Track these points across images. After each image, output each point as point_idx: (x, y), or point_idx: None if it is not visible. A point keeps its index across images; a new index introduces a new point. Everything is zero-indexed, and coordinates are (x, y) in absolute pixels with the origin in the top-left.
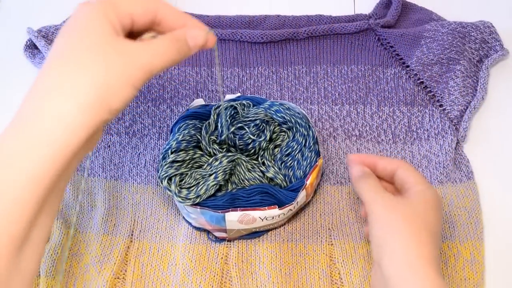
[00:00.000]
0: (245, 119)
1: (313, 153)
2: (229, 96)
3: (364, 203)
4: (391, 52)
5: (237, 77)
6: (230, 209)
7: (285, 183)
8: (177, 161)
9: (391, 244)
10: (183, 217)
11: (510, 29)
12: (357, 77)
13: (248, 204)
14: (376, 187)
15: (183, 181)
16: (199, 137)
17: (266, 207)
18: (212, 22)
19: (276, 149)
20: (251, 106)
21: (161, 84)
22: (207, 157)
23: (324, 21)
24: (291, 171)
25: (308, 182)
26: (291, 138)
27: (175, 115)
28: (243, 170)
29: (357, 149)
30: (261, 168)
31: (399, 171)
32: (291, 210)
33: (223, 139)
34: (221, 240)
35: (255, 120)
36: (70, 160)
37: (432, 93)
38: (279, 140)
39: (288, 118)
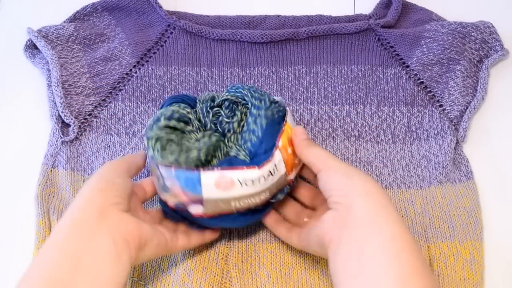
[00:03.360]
0: (217, 103)
1: (265, 120)
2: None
3: (312, 163)
4: (391, 52)
5: (237, 77)
6: (207, 167)
7: (249, 158)
8: (169, 127)
9: (362, 186)
10: (159, 201)
11: (510, 29)
12: (357, 77)
13: None
14: (311, 143)
15: (168, 146)
16: (190, 117)
17: (245, 166)
18: (212, 22)
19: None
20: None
21: (161, 84)
22: (196, 134)
23: (324, 21)
24: (249, 143)
25: (280, 144)
26: (248, 114)
27: None
28: (221, 154)
29: (356, 149)
30: (228, 150)
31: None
32: (271, 173)
33: (207, 129)
34: (199, 225)
35: (224, 102)
36: None
37: (432, 93)
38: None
39: (245, 93)
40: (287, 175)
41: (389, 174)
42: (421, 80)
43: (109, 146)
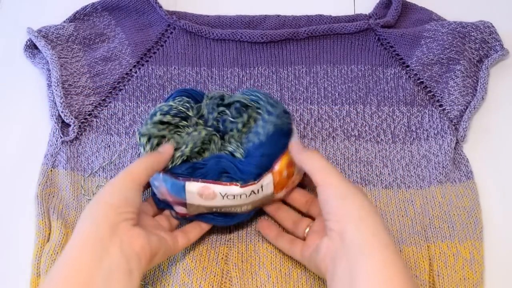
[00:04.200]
0: (227, 102)
1: (273, 127)
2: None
3: (316, 175)
4: (391, 52)
5: (237, 77)
6: (192, 178)
7: (243, 157)
8: (162, 122)
9: (355, 214)
10: (151, 192)
11: (510, 29)
12: (357, 77)
13: (208, 172)
14: (318, 155)
15: (157, 146)
16: (188, 113)
17: (228, 182)
18: (212, 22)
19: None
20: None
21: (161, 84)
22: (188, 129)
23: (324, 21)
24: (250, 143)
25: (277, 167)
26: (257, 119)
27: None
28: (215, 147)
29: (356, 149)
30: (226, 145)
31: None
32: (254, 193)
33: (208, 125)
34: (183, 218)
35: (235, 103)
36: None
37: (432, 93)
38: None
39: (260, 97)
40: (274, 194)
41: (389, 174)
42: (421, 80)
43: (109, 146)
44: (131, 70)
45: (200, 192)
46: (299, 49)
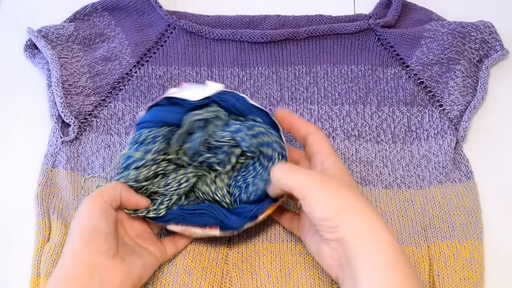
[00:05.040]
0: (214, 142)
1: (262, 183)
2: (213, 85)
3: (294, 189)
4: (391, 52)
5: (237, 77)
6: (172, 223)
7: (230, 206)
8: (138, 180)
9: (348, 219)
10: None
11: (510, 29)
12: (357, 77)
13: (189, 221)
14: (294, 168)
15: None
16: (159, 147)
17: (207, 227)
18: (212, 22)
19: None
20: (226, 117)
21: (161, 84)
22: (173, 165)
23: (324, 21)
24: (238, 191)
25: (261, 218)
26: (251, 163)
27: None
28: (200, 193)
29: (356, 149)
30: (212, 187)
31: (310, 137)
32: (233, 232)
33: (192, 152)
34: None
35: (223, 146)
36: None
37: (432, 93)
38: (240, 165)
39: (253, 149)
40: (254, 227)
41: (389, 174)
42: (421, 80)
43: (109, 146)
44: (131, 70)
45: (181, 232)
46: (299, 49)
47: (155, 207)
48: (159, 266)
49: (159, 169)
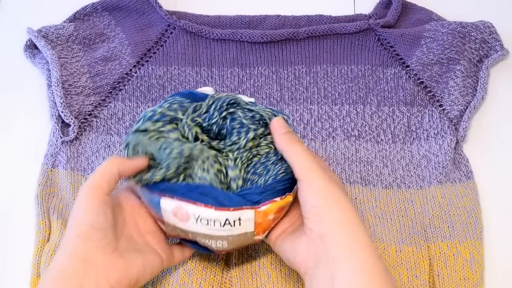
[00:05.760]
0: (245, 107)
1: (282, 168)
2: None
3: (297, 168)
4: (391, 52)
5: (237, 77)
6: (167, 194)
7: (238, 189)
8: (141, 130)
9: (333, 215)
10: None
11: (510, 29)
12: (357, 77)
13: (185, 193)
14: (308, 152)
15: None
16: (177, 115)
17: (202, 204)
18: (212, 22)
19: (256, 158)
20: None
21: (161, 84)
22: (176, 134)
23: (324, 21)
24: (256, 177)
25: (263, 208)
26: (272, 150)
27: None
28: (199, 169)
29: (356, 149)
30: (225, 164)
31: (285, 155)
32: (230, 224)
33: (211, 124)
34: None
35: (256, 114)
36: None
37: (432, 93)
38: (261, 149)
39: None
40: (254, 235)
41: (389, 174)
42: (421, 80)
43: (109, 146)
44: (131, 70)
45: (174, 211)
46: (299, 49)
47: (151, 171)
48: None
49: (161, 129)
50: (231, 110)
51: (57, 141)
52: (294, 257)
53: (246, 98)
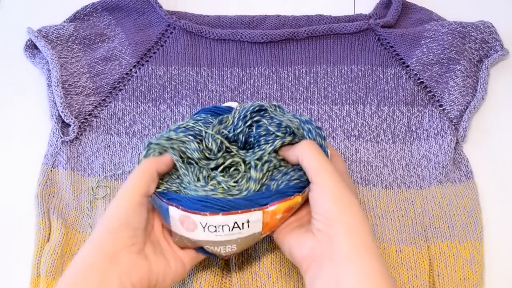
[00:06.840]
0: (271, 115)
1: (296, 175)
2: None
3: (310, 170)
4: (391, 52)
5: (237, 77)
6: (174, 204)
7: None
8: (169, 138)
9: (345, 219)
10: None
11: (510, 29)
12: (357, 77)
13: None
14: (320, 154)
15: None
16: (203, 129)
17: (207, 213)
18: (212, 22)
19: (282, 167)
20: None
21: (161, 84)
22: (199, 154)
23: (324, 21)
24: (273, 182)
25: (271, 208)
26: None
27: (175, 115)
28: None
29: (356, 149)
30: (248, 164)
31: (300, 159)
32: (238, 227)
33: (236, 133)
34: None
35: (282, 122)
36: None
37: (432, 93)
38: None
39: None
40: (262, 234)
41: (389, 174)
42: (421, 80)
43: (109, 146)
44: (131, 70)
45: (181, 220)
46: (299, 49)
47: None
48: None
49: (186, 140)
50: (256, 118)
51: (57, 141)
52: (298, 252)
53: (233, 104)
